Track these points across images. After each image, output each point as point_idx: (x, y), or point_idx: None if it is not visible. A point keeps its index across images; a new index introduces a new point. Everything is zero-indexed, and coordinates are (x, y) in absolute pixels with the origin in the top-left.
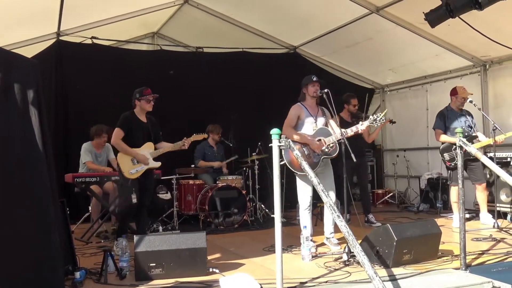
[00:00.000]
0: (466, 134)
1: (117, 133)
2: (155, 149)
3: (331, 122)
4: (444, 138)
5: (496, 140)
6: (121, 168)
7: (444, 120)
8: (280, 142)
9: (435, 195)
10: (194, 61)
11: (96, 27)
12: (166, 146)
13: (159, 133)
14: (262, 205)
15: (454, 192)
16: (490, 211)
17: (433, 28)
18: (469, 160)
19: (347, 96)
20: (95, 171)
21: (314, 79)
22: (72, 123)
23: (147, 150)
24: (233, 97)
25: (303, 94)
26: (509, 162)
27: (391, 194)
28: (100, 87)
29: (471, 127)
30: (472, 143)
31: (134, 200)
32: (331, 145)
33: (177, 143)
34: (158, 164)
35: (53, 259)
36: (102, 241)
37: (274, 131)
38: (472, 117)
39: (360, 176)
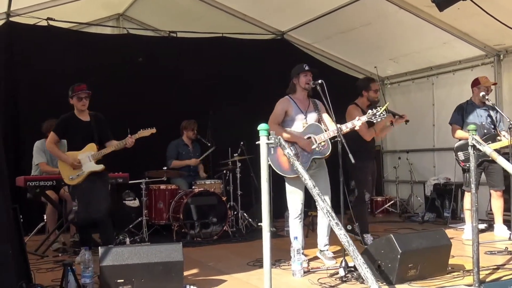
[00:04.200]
0: (485, 131)
1: (50, 137)
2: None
3: (325, 117)
4: (460, 134)
5: None
6: (62, 174)
7: (462, 114)
8: (269, 139)
9: (442, 203)
10: (166, 47)
11: (52, 6)
12: (109, 146)
13: (107, 131)
14: (245, 214)
15: (467, 199)
16: (506, 221)
17: (441, 12)
18: (488, 161)
19: (364, 80)
20: (49, 174)
21: (306, 68)
22: (23, 117)
23: (87, 152)
24: (211, 89)
25: (293, 85)
26: None
27: (392, 202)
28: (57, 76)
29: (495, 124)
30: (495, 141)
31: (75, 208)
32: (322, 143)
33: (120, 142)
34: (100, 167)
35: (4, 274)
36: (60, 254)
37: (262, 127)
38: (497, 112)
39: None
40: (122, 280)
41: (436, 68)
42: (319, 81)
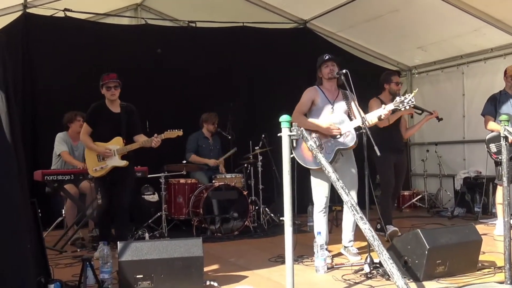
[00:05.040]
0: None
1: (84, 129)
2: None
3: (354, 107)
4: (493, 125)
5: None
6: (87, 164)
7: (495, 105)
8: (291, 131)
9: (472, 197)
10: (185, 38)
11: None
12: (136, 142)
13: (136, 124)
14: (267, 209)
15: (500, 193)
16: None
17: None
18: None
19: (386, 74)
20: (70, 165)
21: (326, 57)
22: (41, 110)
23: (113, 146)
24: (232, 80)
25: (319, 79)
26: None
27: (420, 196)
28: (74, 68)
29: None
30: None
31: (99, 201)
32: (346, 133)
33: (147, 140)
34: (123, 163)
35: (23, 269)
36: (78, 250)
37: (284, 118)
38: None
39: (398, 176)
40: (141, 276)
41: (467, 57)
42: (343, 71)
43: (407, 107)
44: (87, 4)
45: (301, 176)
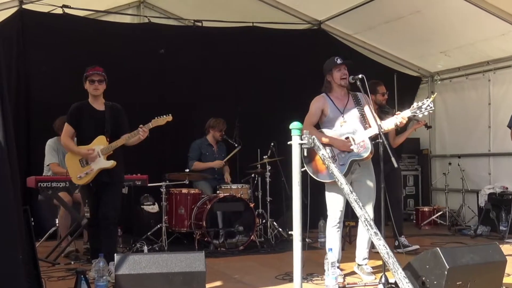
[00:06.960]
0: None
1: (65, 130)
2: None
3: (367, 111)
4: None
5: None
6: (69, 172)
7: None
8: (302, 139)
9: (498, 215)
10: (190, 38)
11: None
12: (120, 139)
13: (123, 124)
14: (275, 223)
15: None
16: None
17: None
18: None
19: (372, 83)
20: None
21: (339, 61)
22: (35, 113)
23: (96, 146)
24: (240, 84)
25: (328, 83)
26: None
27: (441, 213)
28: (72, 69)
29: None
30: None
31: (87, 214)
32: (361, 143)
33: (131, 133)
34: (110, 163)
35: (13, 282)
36: (72, 262)
37: (295, 125)
38: None
39: (391, 187)
40: None
41: (493, 63)
42: (359, 76)
43: (425, 113)
44: (87, 0)
45: (314, 188)
